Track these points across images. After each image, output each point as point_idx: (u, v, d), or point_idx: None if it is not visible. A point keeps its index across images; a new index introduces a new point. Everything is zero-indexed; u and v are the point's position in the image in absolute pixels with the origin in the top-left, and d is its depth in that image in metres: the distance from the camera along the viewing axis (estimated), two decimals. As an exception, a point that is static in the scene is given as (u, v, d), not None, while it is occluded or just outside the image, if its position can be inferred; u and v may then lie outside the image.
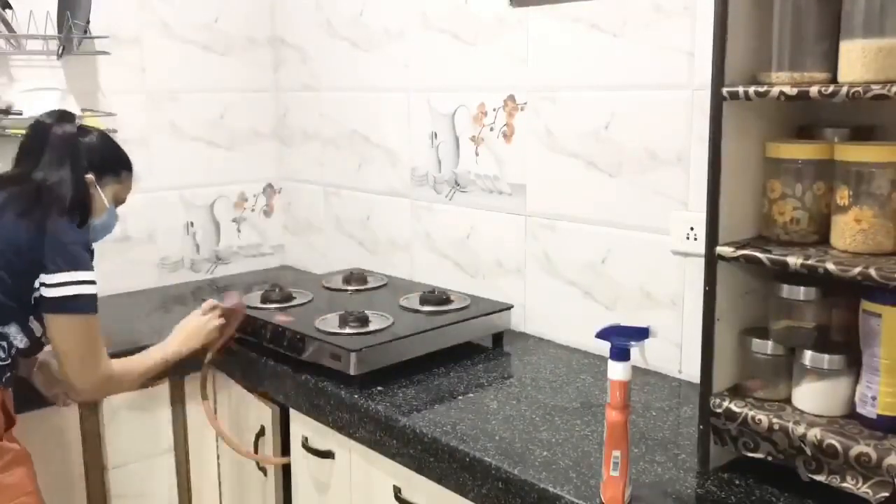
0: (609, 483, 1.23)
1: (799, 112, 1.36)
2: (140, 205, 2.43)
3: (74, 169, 1.68)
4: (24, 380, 1.75)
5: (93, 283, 1.61)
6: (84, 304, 1.60)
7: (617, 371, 1.22)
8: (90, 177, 1.71)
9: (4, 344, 1.59)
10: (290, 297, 2.09)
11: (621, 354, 1.22)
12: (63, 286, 1.57)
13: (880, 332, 1.18)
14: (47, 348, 1.69)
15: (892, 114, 1.29)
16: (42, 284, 1.57)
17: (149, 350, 1.82)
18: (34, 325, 1.62)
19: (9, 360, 1.60)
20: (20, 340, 1.61)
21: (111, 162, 1.78)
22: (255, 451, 1.98)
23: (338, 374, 1.72)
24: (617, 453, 1.22)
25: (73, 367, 1.62)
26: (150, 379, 1.82)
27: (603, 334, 1.24)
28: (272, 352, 1.89)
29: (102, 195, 1.74)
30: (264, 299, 2.07)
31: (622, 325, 1.26)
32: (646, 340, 1.24)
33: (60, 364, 1.64)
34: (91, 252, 1.66)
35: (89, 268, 1.62)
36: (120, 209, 1.82)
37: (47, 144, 1.68)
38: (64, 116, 1.75)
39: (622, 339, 1.22)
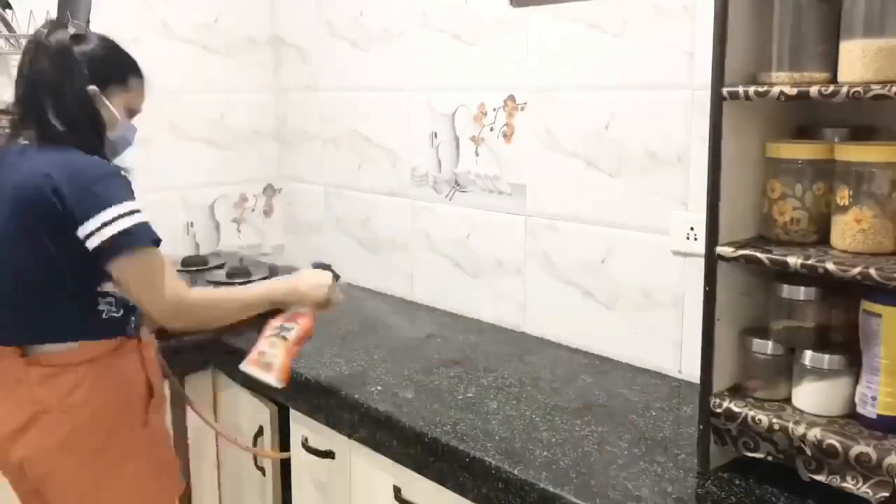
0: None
1: (799, 112, 1.36)
2: (140, 205, 2.43)
3: (73, 84, 1.52)
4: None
5: (134, 212, 1.47)
6: (133, 239, 1.46)
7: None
8: (93, 89, 1.55)
9: (112, 299, 1.55)
10: None
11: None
12: (101, 230, 1.44)
13: (880, 332, 1.18)
14: None
15: (892, 114, 1.29)
16: (85, 237, 1.44)
17: (251, 285, 1.70)
18: None
19: (121, 312, 1.56)
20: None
21: (115, 68, 1.61)
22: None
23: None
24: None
25: (143, 297, 1.51)
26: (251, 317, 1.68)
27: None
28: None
29: (111, 107, 1.59)
30: None
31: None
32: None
33: (130, 296, 1.53)
34: (121, 176, 1.51)
35: (123, 198, 1.47)
36: None
37: (43, 60, 1.53)
38: (58, 25, 1.59)
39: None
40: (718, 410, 1.30)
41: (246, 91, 2.73)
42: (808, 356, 1.27)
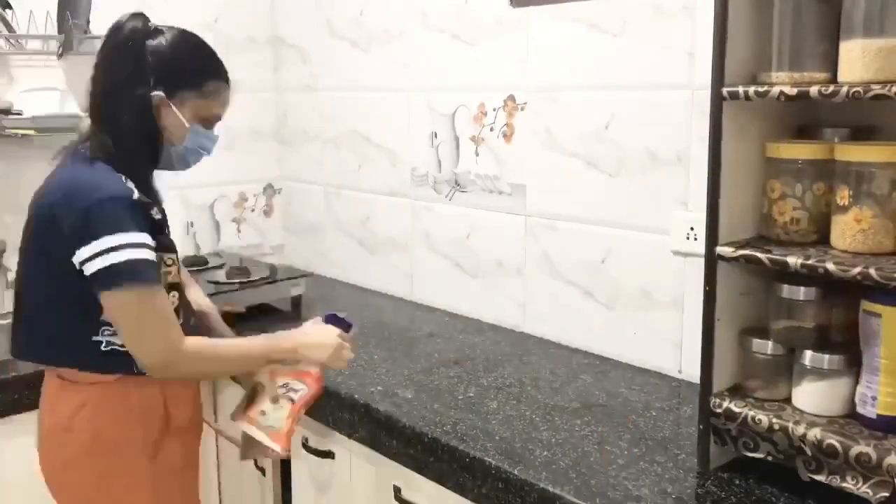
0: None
1: (799, 112, 1.36)
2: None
3: (132, 88, 1.39)
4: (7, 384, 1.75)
5: (130, 246, 1.32)
6: (121, 275, 1.32)
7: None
8: (158, 95, 1.41)
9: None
10: None
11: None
12: (92, 260, 1.31)
13: (880, 332, 1.18)
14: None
15: (892, 114, 1.29)
16: (80, 264, 1.33)
17: (252, 338, 1.53)
18: None
19: None
20: None
21: (188, 71, 1.45)
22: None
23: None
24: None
25: (130, 342, 1.38)
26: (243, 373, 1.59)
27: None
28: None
29: (179, 115, 1.44)
30: None
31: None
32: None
33: (120, 338, 1.40)
34: (123, 202, 1.35)
35: (118, 228, 1.31)
36: None
37: (110, 53, 1.41)
38: (137, 15, 1.46)
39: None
40: (718, 410, 1.30)
41: (246, 91, 2.73)
42: (808, 356, 1.27)
